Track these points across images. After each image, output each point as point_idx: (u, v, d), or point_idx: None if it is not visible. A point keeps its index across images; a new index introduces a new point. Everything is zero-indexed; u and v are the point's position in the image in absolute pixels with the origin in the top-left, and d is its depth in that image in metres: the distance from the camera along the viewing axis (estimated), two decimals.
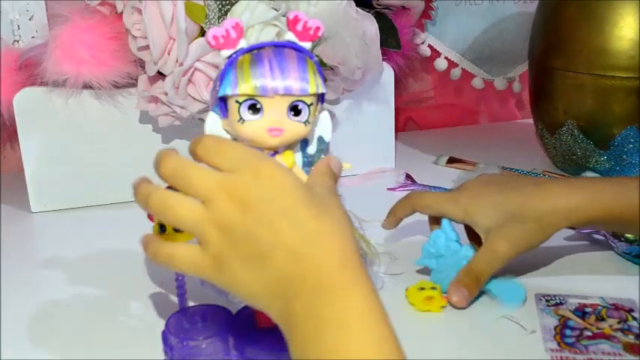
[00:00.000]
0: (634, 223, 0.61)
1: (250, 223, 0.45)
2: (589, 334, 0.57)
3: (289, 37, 0.50)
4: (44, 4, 0.89)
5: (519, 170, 0.90)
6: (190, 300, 0.58)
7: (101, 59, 0.75)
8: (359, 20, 0.78)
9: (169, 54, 0.71)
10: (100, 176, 0.83)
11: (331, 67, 0.77)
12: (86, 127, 0.81)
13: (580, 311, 0.60)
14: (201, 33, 0.72)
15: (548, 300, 0.62)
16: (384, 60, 0.86)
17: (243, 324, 0.54)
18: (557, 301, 0.61)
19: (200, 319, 0.55)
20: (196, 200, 0.45)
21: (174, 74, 0.72)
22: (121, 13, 0.74)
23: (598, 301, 0.61)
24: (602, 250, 0.71)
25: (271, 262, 0.45)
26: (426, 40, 1.05)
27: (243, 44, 0.49)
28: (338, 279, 0.44)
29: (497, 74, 1.10)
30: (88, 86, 0.77)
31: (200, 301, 0.59)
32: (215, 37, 0.49)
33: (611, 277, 0.66)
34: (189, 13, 0.70)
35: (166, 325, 0.55)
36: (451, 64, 1.08)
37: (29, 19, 0.89)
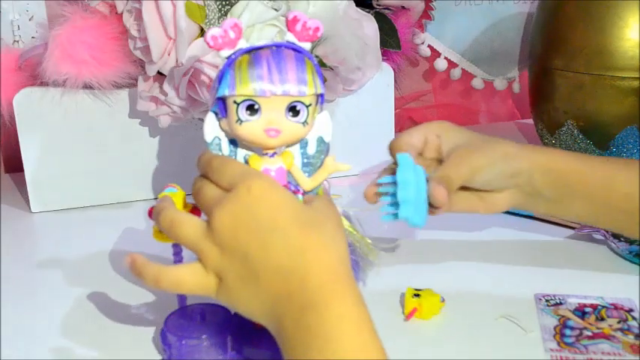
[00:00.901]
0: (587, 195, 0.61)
1: (243, 240, 0.46)
2: (589, 333, 0.57)
3: (289, 37, 0.50)
4: (44, 4, 0.89)
5: None
6: (190, 299, 0.58)
7: (101, 59, 0.75)
8: (359, 20, 0.78)
9: (169, 54, 0.71)
10: (100, 176, 0.83)
11: (331, 67, 0.77)
12: (86, 127, 0.81)
13: (580, 311, 0.60)
14: (201, 33, 0.73)
15: (547, 300, 0.62)
16: (383, 60, 0.86)
17: (241, 323, 0.54)
18: (557, 301, 0.61)
19: (199, 317, 0.55)
20: (201, 220, 0.48)
21: (174, 74, 0.72)
22: (121, 13, 0.74)
23: (598, 301, 0.61)
24: (602, 250, 0.71)
25: (263, 280, 0.46)
26: (426, 40, 1.05)
27: (242, 45, 0.49)
28: (322, 295, 0.45)
29: (497, 74, 1.10)
30: (88, 86, 0.77)
31: (199, 300, 0.59)
32: (214, 38, 0.49)
33: (611, 277, 0.66)
34: (188, 13, 0.70)
35: (165, 324, 0.55)
36: (451, 64, 1.08)
37: (29, 19, 0.89)
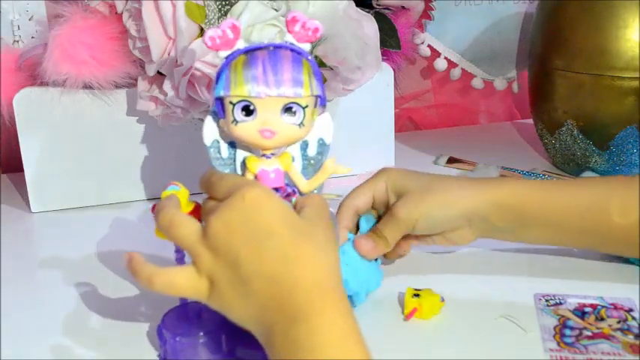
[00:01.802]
0: (533, 220, 0.62)
1: (235, 246, 0.46)
2: (588, 333, 0.57)
3: (288, 38, 0.50)
4: (44, 4, 0.89)
5: (519, 170, 0.90)
6: None
7: (101, 59, 0.75)
8: (359, 20, 0.78)
9: (169, 54, 0.72)
10: (100, 176, 0.83)
11: (331, 67, 0.77)
12: (86, 127, 0.81)
13: (579, 311, 0.60)
14: (201, 33, 0.72)
15: (547, 300, 0.62)
16: (383, 60, 0.86)
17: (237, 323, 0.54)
18: (557, 301, 0.61)
19: (196, 315, 0.56)
20: (200, 224, 0.48)
21: (173, 74, 0.72)
22: (121, 13, 0.74)
23: (597, 301, 0.61)
24: None
25: (253, 288, 0.46)
26: (426, 40, 1.05)
27: (240, 45, 0.49)
28: (310, 306, 0.45)
29: (497, 74, 1.10)
30: (87, 86, 0.77)
31: None
32: (212, 38, 0.49)
33: (611, 277, 0.66)
34: (188, 13, 0.70)
35: (162, 320, 0.55)
36: (451, 64, 1.08)
37: (29, 19, 0.89)
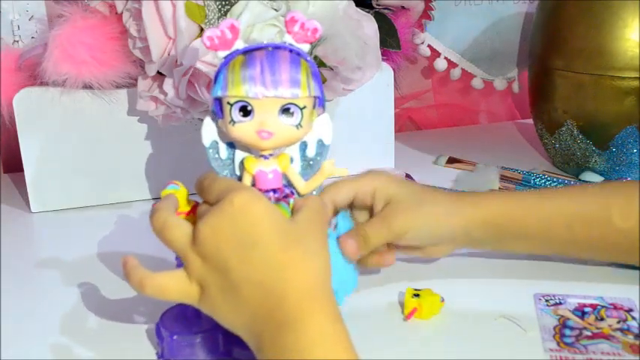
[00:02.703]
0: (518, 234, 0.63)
1: (223, 252, 0.46)
2: (588, 333, 0.57)
3: (287, 38, 0.50)
4: (44, 4, 0.89)
5: (519, 170, 0.90)
6: None
7: (101, 60, 0.75)
8: (359, 20, 0.78)
9: (169, 54, 0.72)
10: (100, 176, 0.83)
11: (331, 67, 0.77)
12: (86, 127, 0.81)
13: (579, 311, 0.60)
14: (201, 33, 0.72)
15: (547, 300, 0.62)
16: (383, 60, 0.86)
17: None
18: (557, 301, 0.61)
19: (195, 315, 0.55)
20: (191, 227, 0.48)
21: (173, 74, 0.72)
22: (121, 13, 0.74)
23: (597, 301, 0.61)
24: None
25: (242, 295, 0.46)
26: (426, 40, 1.05)
27: (239, 45, 0.49)
28: (299, 313, 0.45)
29: (497, 74, 1.10)
30: (87, 86, 0.77)
31: None
32: (210, 39, 0.49)
33: (611, 277, 0.66)
34: (188, 13, 0.70)
35: (160, 319, 0.55)
36: (451, 64, 1.08)
37: (29, 19, 0.89)
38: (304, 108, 0.49)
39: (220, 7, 0.72)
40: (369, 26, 0.80)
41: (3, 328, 0.60)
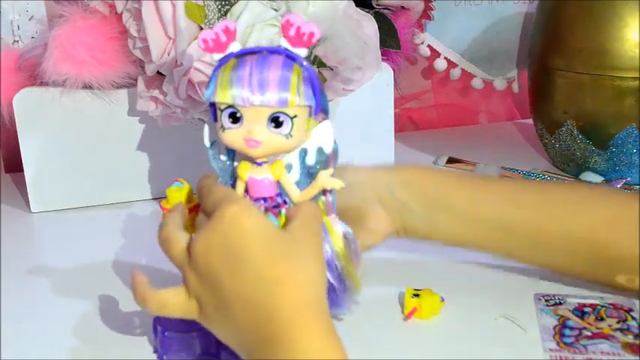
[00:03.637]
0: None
1: (214, 268, 0.46)
2: (588, 333, 0.57)
3: (283, 42, 0.48)
4: (44, 4, 0.89)
5: (519, 170, 0.90)
6: None
7: (101, 60, 0.75)
8: (359, 20, 0.78)
9: (169, 54, 0.72)
10: (100, 176, 0.83)
11: (331, 67, 0.77)
12: (86, 127, 0.81)
13: (579, 311, 0.60)
14: None
15: (547, 300, 0.62)
16: (383, 60, 0.86)
17: None
18: (557, 301, 0.61)
19: None
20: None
21: (173, 74, 0.72)
22: (121, 13, 0.74)
23: (597, 301, 0.61)
24: None
25: (233, 311, 0.46)
26: (426, 41, 1.05)
27: (233, 48, 0.48)
28: (290, 329, 0.44)
29: (497, 74, 1.10)
30: (87, 86, 0.77)
31: None
32: (204, 41, 0.48)
33: None
34: (188, 13, 0.70)
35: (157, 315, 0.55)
36: (450, 64, 1.08)
37: (29, 19, 0.89)
38: (295, 117, 0.47)
39: (220, 7, 0.72)
40: (369, 26, 0.80)
41: (3, 328, 0.60)
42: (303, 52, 0.48)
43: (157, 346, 0.55)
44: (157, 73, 0.74)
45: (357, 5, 0.79)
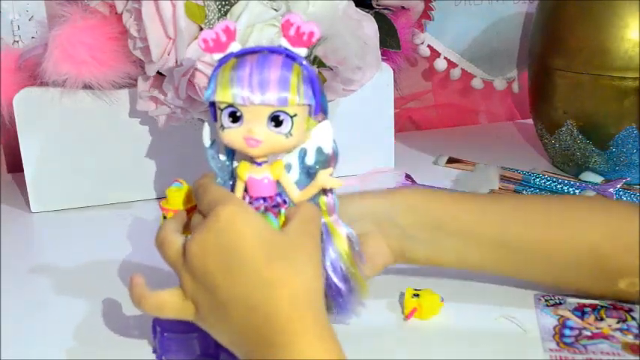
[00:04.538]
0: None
1: (210, 270, 0.46)
2: (588, 333, 0.57)
3: (282, 42, 0.48)
4: (44, 4, 0.89)
5: (519, 170, 0.90)
6: None
7: (101, 60, 0.75)
8: (359, 20, 0.78)
9: (169, 54, 0.72)
10: (100, 176, 0.83)
11: (331, 68, 0.77)
12: (86, 127, 0.81)
13: (579, 311, 0.60)
14: None
15: (547, 300, 0.62)
16: (383, 60, 0.86)
17: None
18: (556, 301, 0.61)
19: None
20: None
21: (173, 75, 0.72)
22: (121, 13, 0.74)
23: (597, 301, 0.61)
24: None
25: (229, 313, 0.45)
26: (426, 41, 1.05)
27: (233, 48, 0.48)
28: (286, 332, 0.44)
29: (497, 74, 1.10)
30: (87, 86, 0.77)
31: None
32: (205, 41, 0.48)
33: None
34: (188, 13, 0.70)
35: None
36: (450, 64, 1.08)
37: (29, 19, 0.89)
38: (295, 116, 0.48)
39: (220, 7, 0.72)
40: (369, 26, 0.80)
41: (3, 328, 0.60)
42: (303, 51, 0.48)
43: (155, 347, 0.55)
44: (157, 73, 0.74)
45: (357, 5, 0.79)
